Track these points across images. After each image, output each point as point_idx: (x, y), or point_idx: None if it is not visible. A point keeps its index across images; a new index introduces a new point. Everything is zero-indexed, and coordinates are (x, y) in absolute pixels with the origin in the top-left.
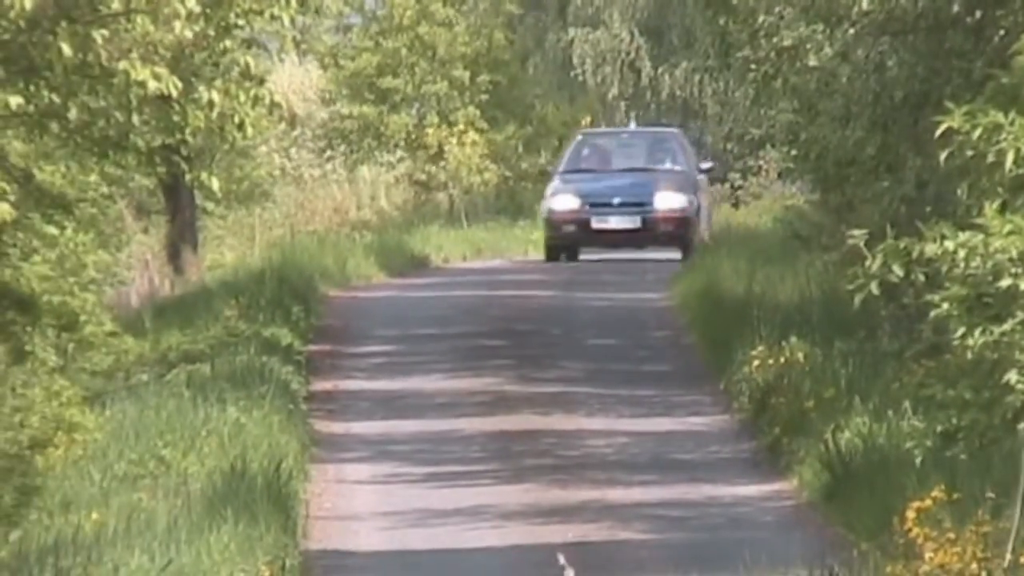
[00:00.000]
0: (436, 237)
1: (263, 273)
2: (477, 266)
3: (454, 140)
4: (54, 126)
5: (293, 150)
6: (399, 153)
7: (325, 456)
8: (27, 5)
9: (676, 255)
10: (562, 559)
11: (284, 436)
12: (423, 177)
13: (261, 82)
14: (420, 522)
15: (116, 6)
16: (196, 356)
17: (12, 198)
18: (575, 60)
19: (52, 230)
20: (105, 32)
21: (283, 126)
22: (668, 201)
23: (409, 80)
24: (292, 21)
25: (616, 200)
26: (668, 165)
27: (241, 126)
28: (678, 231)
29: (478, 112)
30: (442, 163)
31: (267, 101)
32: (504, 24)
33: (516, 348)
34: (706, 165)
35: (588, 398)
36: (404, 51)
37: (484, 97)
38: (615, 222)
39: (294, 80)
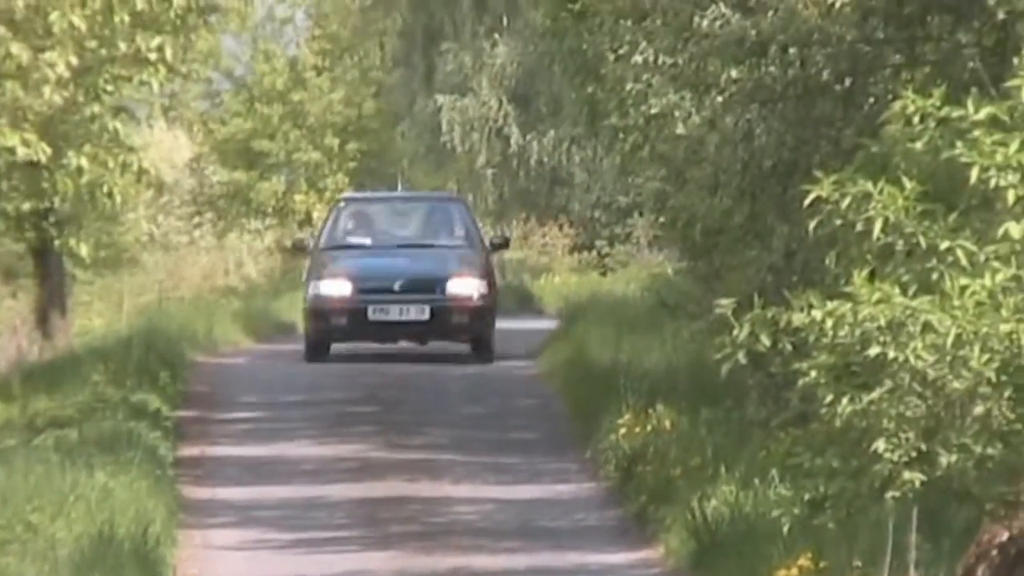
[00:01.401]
0: (303, 303)
1: (131, 339)
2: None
3: (321, 206)
4: None
5: (161, 217)
6: (268, 220)
7: (192, 521)
8: None
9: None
10: None
11: (152, 501)
12: (293, 242)
13: (130, 149)
14: None
15: None
16: (64, 421)
17: None
18: (444, 126)
19: None
20: None
21: (151, 193)
22: (462, 286)
23: (282, 146)
24: (161, 87)
25: (398, 284)
26: (456, 240)
27: (110, 193)
28: (474, 323)
29: (347, 179)
30: (310, 229)
31: (136, 168)
32: (374, 92)
33: (383, 415)
34: (499, 238)
35: (454, 465)
36: (276, 119)
37: (352, 164)
38: (397, 313)
39: (163, 147)
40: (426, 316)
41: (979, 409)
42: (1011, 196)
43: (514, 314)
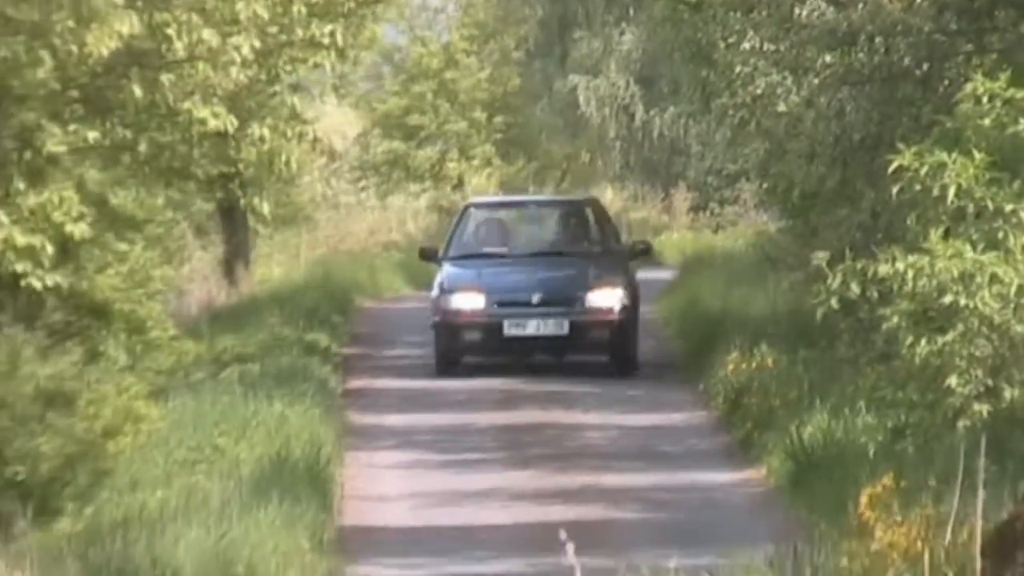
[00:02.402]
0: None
1: (305, 286)
2: None
3: (472, 172)
4: (126, 157)
5: (332, 180)
6: (424, 183)
7: (358, 444)
8: (104, 52)
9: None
10: (563, 535)
11: (322, 427)
12: (445, 204)
13: (305, 122)
14: (441, 502)
15: (181, 53)
16: (247, 357)
17: (89, 219)
18: (581, 103)
19: (123, 247)
20: (171, 76)
21: (323, 159)
22: (602, 299)
23: (434, 119)
24: (332, 69)
25: (535, 297)
26: (593, 247)
27: (287, 160)
28: (615, 338)
29: (493, 148)
30: (461, 192)
31: (310, 138)
32: (517, 72)
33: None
34: (641, 244)
35: (585, 396)
36: (429, 95)
37: (498, 136)
38: (535, 327)
39: (333, 120)
40: (565, 331)
41: None
42: None
43: (638, 266)
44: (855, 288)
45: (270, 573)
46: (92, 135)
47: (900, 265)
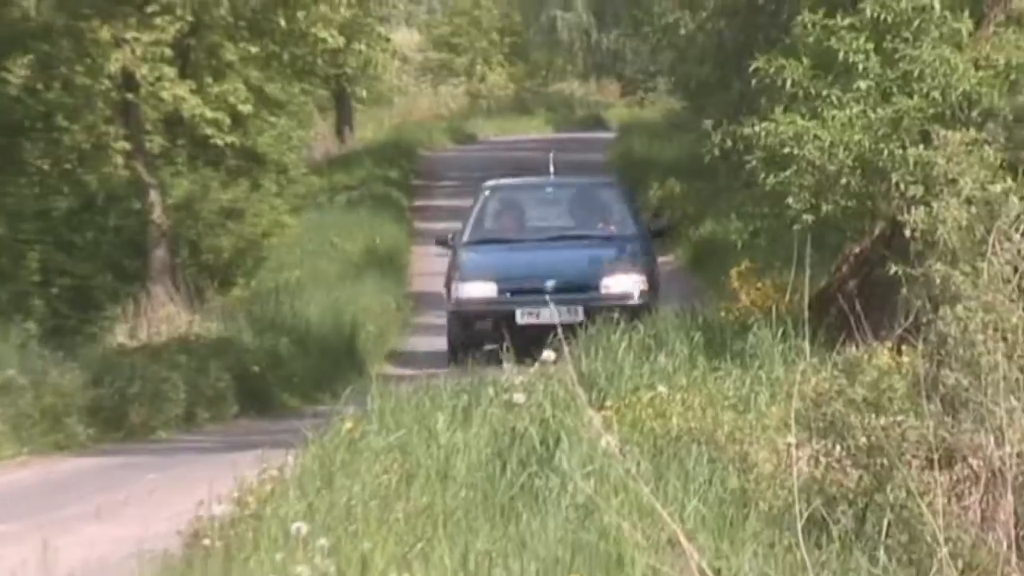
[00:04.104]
0: (480, 124)
1: (386, 142)
2: (502, 139)
3: (490, 71)
4: (275, 63)
5: (404, 76)
6: (460, 78)
7: (419, 241)
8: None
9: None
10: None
11: (398, 229)
12: (474, 91)
13: (387, 39)
14: None
15: None
16: (351, 187)
17: (252, 101)
18: (559, 28)
19: (273, 119)
20: (304, 11)
21: (398, 63)
22: (620, 284)
23: (466, 38)
24: (403, 6)
25: (549, 283)
26: (612, 229)
27: (376, 64)
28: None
29: (503, 57)
30: (483, 84)
31: (390, 50)
32: (518, 9)
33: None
34: (658, 224)
35: None
36: (464, 23)
37: (506, 50)
38: (549, 315)
39: (405, 38)
40: (580, 318)
41: (843, 180)
42: (860, 67)
43: (593, 128)
44: (729, 143)
45: (368, 320)
46: (253, 49)
47: (757, 128)
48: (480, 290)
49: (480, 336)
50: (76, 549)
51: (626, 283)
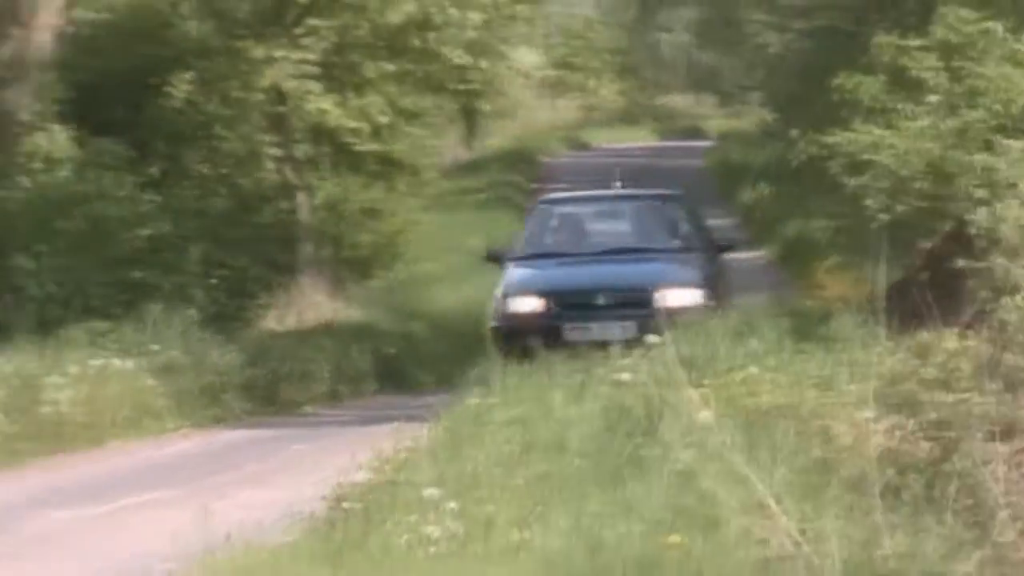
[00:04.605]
0: (593, 133)
1: (509, 150)
2: (612, 147)
3: (602, 87)
4: (410, 79)
5: (525, 91)
6: (576, 93)
7: None
8: (396, 20)
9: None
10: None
11: (520, 227)
12: (587, 104)
13: (509, 58)
14: None
15: (439, 21)
16: (479, 189)
17: (388, 113)
18: (662, 47)
19: (408, 129)
20: (435, 33)
21: (519, 80)
22: (677, 298)
23: (578, 58)
24: (524, 29)
25: (600, 299)
26: (673, 243)
27: (500, 81)
28: None
29: (613, 74)
30: (595, 97)
31: (513, 68)
32: (627, 31)
33: (628, 184)
34: (726, 240)
35: None
36: (579, 46)
37: (616, 68)
38: (598, 331)
39: (525, 57)
40: (633, 334)
41: (916, 184)
42: (930, 83)
43: (693, 138)
44: (813, 150)
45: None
46: (390, 66)
47: (838, 138)
48: (527, 305)
49: (526, 353)
50: (232, 512)
51: (683, 297)
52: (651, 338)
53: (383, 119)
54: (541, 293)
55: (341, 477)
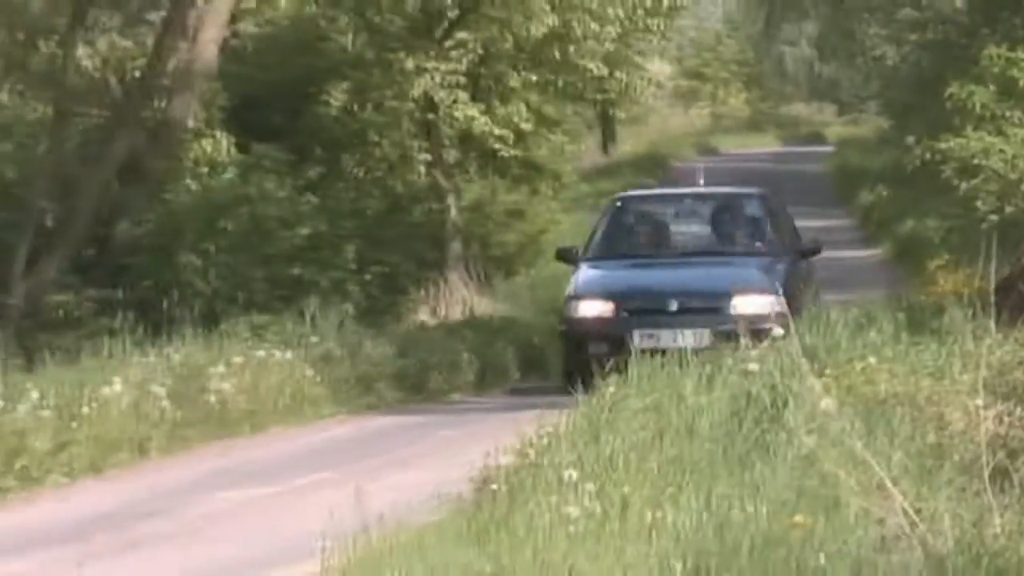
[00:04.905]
0: (721, 139)
1: (643, 154)
2: (739, 152)
3: (730, 96)
4: (551, 88)
5: (658, 99)
6: (706, 102)
7: None
8: (538, 34)
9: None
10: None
11: None
12: (716, 112)
13: (643, 68)
14: None
15: (578, 33)
16: (612, 191)
17: (532, 120)
18: (786, 60)
19: (549, 135)
20: (574, 46)
21: (653, 89)
22: (754, 305)
23: (709, 69)
24: (657, 41)
25: (673, 305)
26: (754, 246)
27: (634, 89)
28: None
29: (740, 84)
30: (724, 106)
31: (647, 78)
32: (753, 44)
33: (754, 187)
34: (810, 244)
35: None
36: (709, 58)
37: (743, 79)
38: (670, 339)
39: (658, 67)
40: (706, 343)
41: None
42: None
43: (814, 144)
44: (928, 155)
45: None
46: (533, 77)
47: (951, 144)
48: (595, 309)
49: (594, 361)
50: (384, 493)
51: (760, 304)
52: (777, 331)
53: (526, 126)
54: (609, 297)
55: (486, 461)
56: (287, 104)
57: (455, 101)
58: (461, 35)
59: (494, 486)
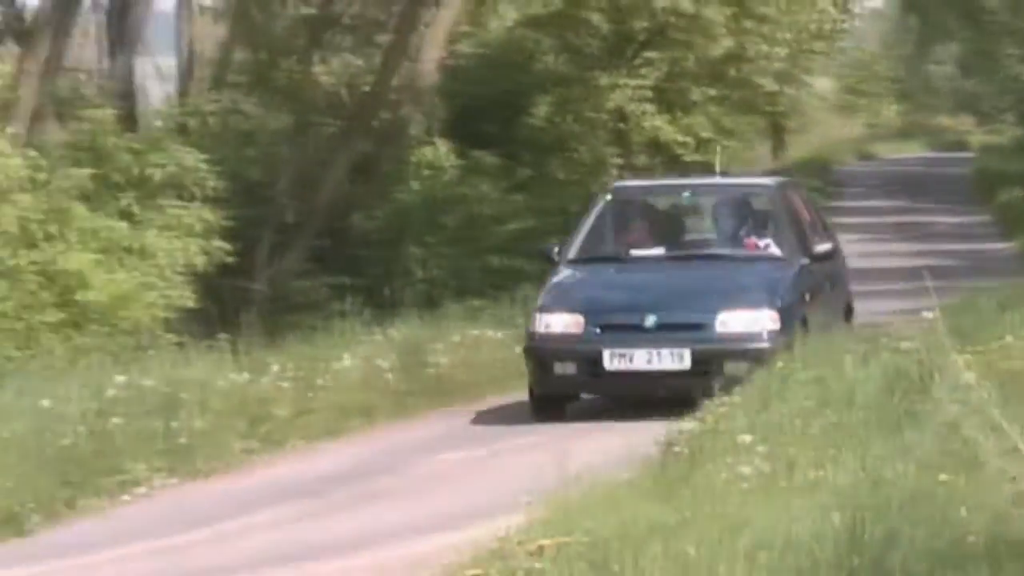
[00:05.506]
0: (876, 146)
1: (810, 159)
2: (892, 157)
3: (884, 108)
4: (727, 102)
5: (821, 111)
6: (863, 113)
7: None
8: (717, 54)
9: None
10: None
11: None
12: (872, 123)
13: (809, 85)
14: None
15: (751, 54)
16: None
17: (710, 129)
18: (933, 77)
19: (726, 143)
20: (749, 65)
21: (817, 102)
22: (742, 321)
23: (867, 86)
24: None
25: (650, 320)
26: (758, 249)
27: (801, 103)
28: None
29: (893, 98)
30: (878, 117)
31: (812, 93)
32: (904, 63)
33: (905, 187)
34: (822, 247)
35: (933, 211)
36: (866, 75)
37: (896, 93)
38: (644, 360)
39: (820, 83)
40: (686, 364)
41: None
42: None
43: (957, 150)
44: None
45: None
46: (712, 91)
47: None
48: (563, 323)
49: (562, 383)
50: (583, 454)
51: (749, 320)
52: (926, 313)
53: (705, 134)
54: (579, 309)
55: (670, 427)
56: (499, 115)
57: (644, 112)
58: (650, 55)
59: (677, 448)
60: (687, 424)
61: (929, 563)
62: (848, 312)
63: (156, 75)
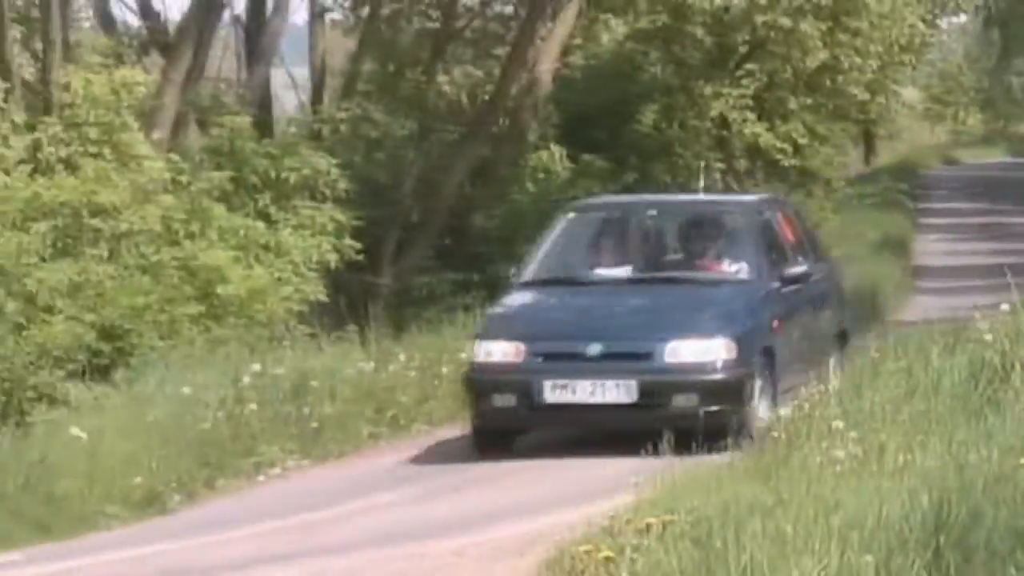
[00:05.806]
0: (960, 152)
1: (898, 164)
2: (975, 162)
3: (968, 117)
4: (822, 110)
5: (910, 120)
6: (948, 121)
7: (921, 231)
8: (813, 65)
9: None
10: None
11: (907, 223)
12: (956, 130)
13: (898, 93)
14: (949, 256)
15: (845, 66)
16: (875, 195)
17: (806, 136)
18: (1015, 87)
19: (821, 148)
20: (842, 75)
21: (906, 111)
22: (693, 350)
23: (952, 96)
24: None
25: (594, 348)
26: (725, 272)
27: (891, 112)
28: (711, 406)
29: (976, 107)
30: (963, 125)
31: (901, 102)
32: (987, 75)
33: (987, 190)
34: (796, 270)
35: (1012, 209)
36: (952, 85)
37: (979, 102)
38: (587, 391)
39: (910, 95)
40: (633, 397)
41: None
42: None
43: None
44: None
45: (884, 283)
46: (808, 100)
47: None
48: (503, 351)
49: (501, 415)
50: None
51: (701, 350)
52: (1004, 307)
53: (802, 140)
54: (518, 336)
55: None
56: (608, 122)
57: (745, 120)
58: (750, 66)
59: (775, 433)
60: (784, 411)
61: (1011, 542)
62: (842, 338)
63: (290, 85)
